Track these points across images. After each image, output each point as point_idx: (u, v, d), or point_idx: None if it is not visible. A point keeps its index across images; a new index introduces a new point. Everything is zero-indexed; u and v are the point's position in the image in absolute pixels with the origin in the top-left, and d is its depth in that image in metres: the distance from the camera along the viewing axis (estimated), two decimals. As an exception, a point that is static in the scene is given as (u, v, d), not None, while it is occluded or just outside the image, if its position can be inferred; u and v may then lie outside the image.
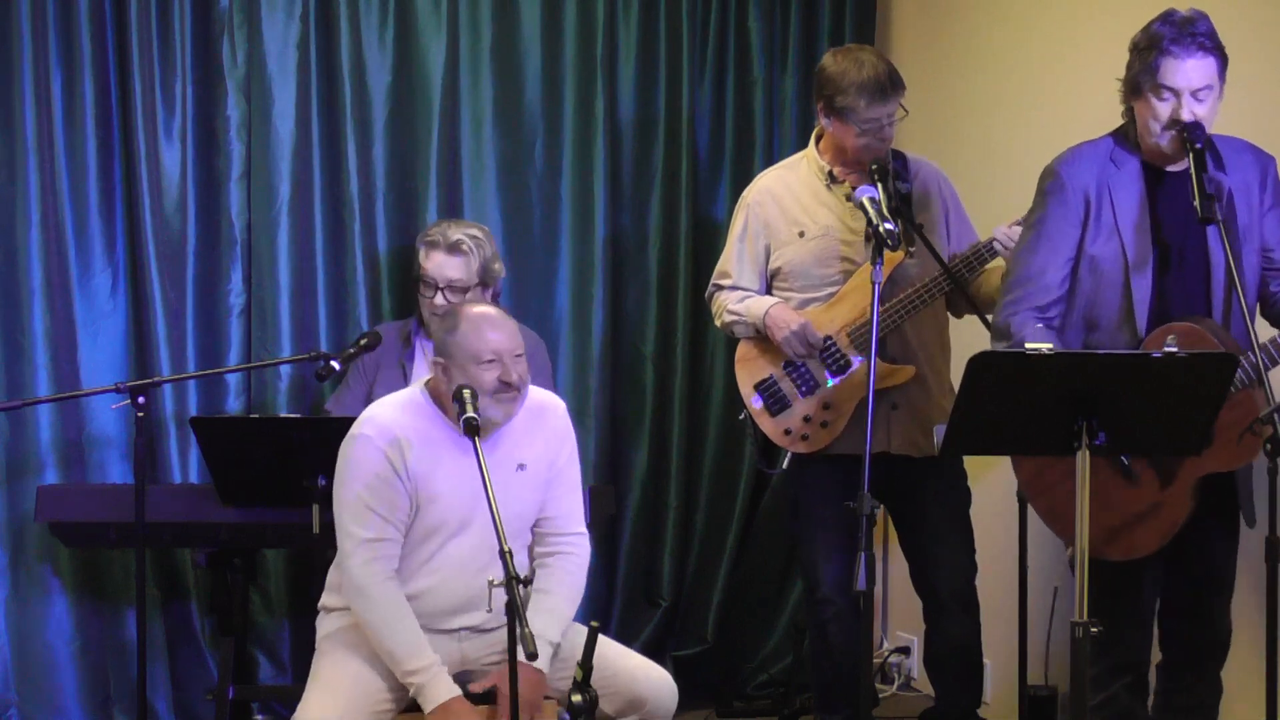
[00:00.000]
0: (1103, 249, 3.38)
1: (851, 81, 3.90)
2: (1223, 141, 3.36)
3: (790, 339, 4.01)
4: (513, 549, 2.99)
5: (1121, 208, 3.37)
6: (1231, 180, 3.33)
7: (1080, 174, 3.40)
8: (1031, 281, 3.43)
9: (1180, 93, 3.25)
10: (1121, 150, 3.40)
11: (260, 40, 4.70)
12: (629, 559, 5.08)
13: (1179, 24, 3.26)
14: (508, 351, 3.36)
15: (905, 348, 4.02)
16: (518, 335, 3.42)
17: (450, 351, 3.37)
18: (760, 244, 4.13)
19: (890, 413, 4.00)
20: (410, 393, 3.51)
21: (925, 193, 4.08)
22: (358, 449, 3.40)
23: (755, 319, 4.09)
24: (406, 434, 3.40)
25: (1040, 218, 3.44)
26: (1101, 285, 3.39)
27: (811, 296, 4.07)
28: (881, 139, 3.95)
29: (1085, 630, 2.97)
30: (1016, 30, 4.73)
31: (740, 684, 5.08)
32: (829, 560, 4.04)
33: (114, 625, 4.64)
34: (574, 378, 4.98)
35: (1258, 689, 3.23)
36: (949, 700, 4.21)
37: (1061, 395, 2.97)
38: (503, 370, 3.34)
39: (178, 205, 4.67)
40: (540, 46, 4.96)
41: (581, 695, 3.08)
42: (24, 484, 4.53)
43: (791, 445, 4.08)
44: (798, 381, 4.07)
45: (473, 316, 3.39)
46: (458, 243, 4.28)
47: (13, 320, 4.56)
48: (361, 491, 3.37)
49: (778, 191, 4.13)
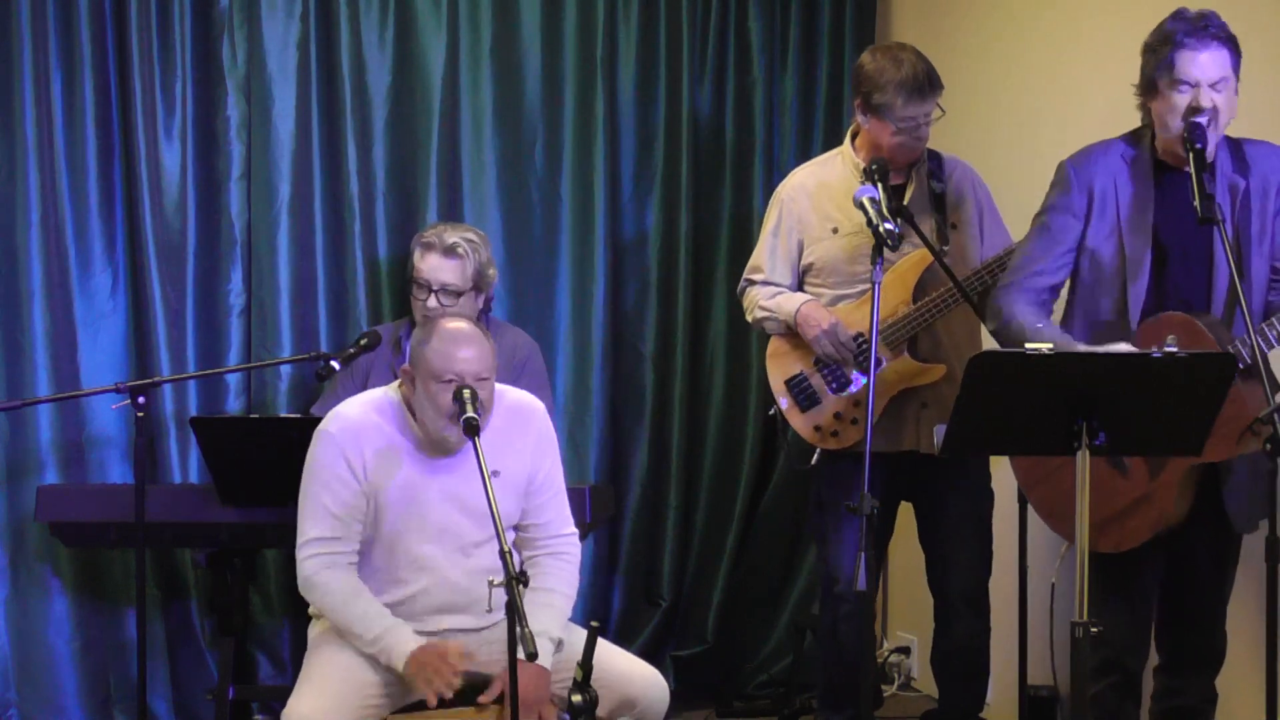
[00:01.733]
0: (1102, 245, 3.41)
1: (889, 79, 3.90)
2: (1255, 145, 3.38)
3: (820, 338, 4.01)
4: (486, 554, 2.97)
5: (1126, 206, 3.39)
6: (1253, 183, 3.34)
7: (1088, 170, 3.43)
8: (1027, 268, 3.49)
9: (1198, 84, 3.27)
10: (1133, 150, 3.43)
11: (260, 40, 4.70)
12: (629, 559, 5.08)
13: (1191, 19, 3.29)
14: (471, 375, 3.28)
15: (936, 346, 4.02)
16: (489, 359, 3.34)
17: (417, 362, 3.35)
18: (793, 239, 4.14)
19: (920, 411, 4.01)
20: (383, 393, 3.50)
21: (960, 193, 4.09)
22: (319, 447, 3.42)
23: (786, 316, 4.09)
24: (370, 435, 3.40)
25: (1045, 208, 3.50)
26: (1100, 280, 3.41)
27: (843, 293, 4.07)
28: (917, 138, 3.96)
29: (1085, 630, 2.97)
30: (1017, 31, 4.73)
31: (740, 684, 5.08)
32: (848, 557, 4.03)
33: (114, 625, 4.64)
34: (574, 378, 4.98)
35: (1257, 690, 3.23)
36: (951, 701, 4.21)
37: (1061, 395, 2.98)
38: (464, 395, 3.23)
39: (178, 205, 4.67)
40: (540, 46, 4.96)
41: (581, 695, 3.08)
42: (24, 484, 4.53)
43: (822, 442, 4.08)
44: (828, 378, 4.07)
45: (446, 333, 3.34)
46: (453, 246, 4.26)
47: (13, 320, 4.56)
48: (318, 490, 3.40)
49: (811, 187, 4.14)
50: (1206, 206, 3.16)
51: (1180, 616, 3.53)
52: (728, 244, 5.14)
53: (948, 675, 4.21)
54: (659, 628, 5.07)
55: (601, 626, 3.13)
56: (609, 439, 5.06)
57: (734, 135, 5.17)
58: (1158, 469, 3.32)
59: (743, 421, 5.13)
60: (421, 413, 3.36)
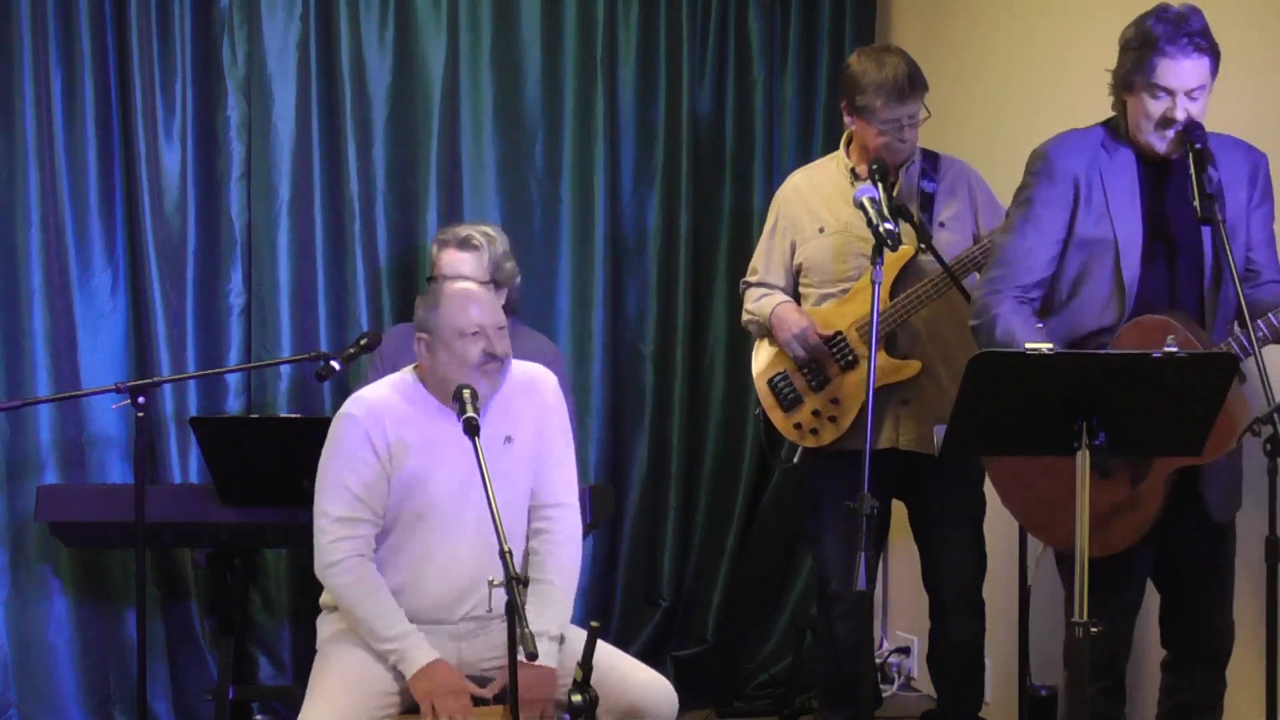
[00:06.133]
0: (1093, 231, 3.36)
1: (871, 81, 3.92)
2: (1214, 138, 3.36)
3: (790, 341, 4.04)
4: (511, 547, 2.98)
5: (1114, 193, 3.36)
6: (1222, 176, 3.33)
7: (1069, 157, 3.38)
8: (1015, 262, 3.43)
9: (1175, 93, 3.25)
10: (1113, 140, 3.40)
11: (260, 40, 4.70)
12: (629, 559, 5.08)
13: (1173, 21, 3.24)
14: (491, 324, 3.37)
15: (915, 342, 4.02)
16: (499, 309, 3.43)
17: (433, 327, 3.38)
18: (787, 241, 4.16)
19: (900, 408, 4.01)
20: (401, 375, 3.52)
21: (953, 191, 4.09)
22: (342, 427, 3.42)
23: (764, 318, 4.11)
24: (393, 414, 3.41)
25: (1026, 199, 3.43)
26: (1091, 267, 3.38)
27: (829, 292, 4.08)
28: (901, 140, 3.97)
29: (1085, 630, 2.97)
30: (1016, 30, 4.73)
31: (740, 684, 5.08)
32: (838, 557, 4.04)
33: (114, 625, 4.64)
34: (574, 378, 4.98)
35: (1258, 688, 3.23)
36: (949, 701, 4.21)
37: (1061, 395, 2.97)
38: (487, 342, 3.36)
39: (178, 205, 4.67)
40: (540, 46, 4.96)
41: (581, 695, 3.08)
42: (24, 484, 4.53)
43: (801, 440, 4.10)
44: (809, 377, 4.08)
45: (453, 292, 3.42)
46: (468, 238, 4.28)
47: (13, 320, 4.56)
48: (340, 469, 3.40)
49: (804, 189, 4.17)
50: (1207, 207, 3.15)
51: (1182, 612, 3.52)
52: (728, 244, 5.14)
53: (945, 675, 4.21)
54: (659, 628, 5.07)
55: (602, 626, 3.13)
56: (609, 439, 5.06)
57: (734, 135, 5.17)
58: (1142, 474, 3.31)
59: (743, 421, 5.13)
60: (447, 372, 3.36)
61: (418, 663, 3.33)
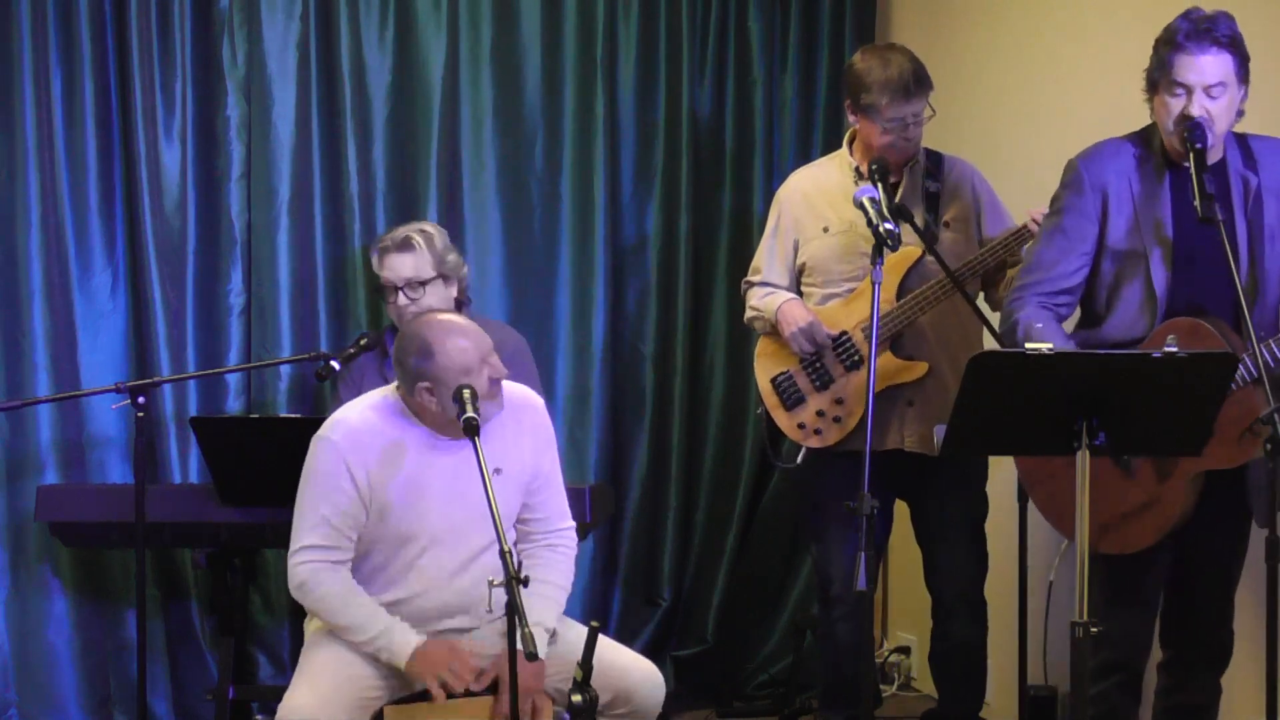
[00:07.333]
0: (1124, 242, 3.37)
1: (875, 80, 3.91)
2: (1261, 141, 3.36)
3: (797, 335, 4.03)
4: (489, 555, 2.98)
5: (1142, 202, 3.36)
6: (1264, 179, 3.33)
7: (1098, 169, 3.39)
8: (1043, 270, 3.44)
9: (1192, 89, 3.24)
10: (1143, 148, 3.40)
11: (260, 40, 4.70)
12: (629, 559, 5.08)
13: (1197, 20, 3.25)
14: (487, 350, 3.36)
15: (921, 343, 4.02)
16: (483, 332, 3.40)
17: (434, 375, 3.31)
18: (789, 240, 4.15)
19: (905, 409, 4.00)
20: (381, 395, 3.49)
21: (956, 191, 4.09)
22: (320, 454, 3.39)
23: (770, 314, 4.10)
24: (373, 438, 3.39)
25: (1057, 209, 3.46)
26: (1124, 278, 3.39)
27: (833, 292, 4.08)
28: (906, 138, 3.96)
29: (1085, 630, 2.97)
30: (1017, 30, 4.73)
31: (740, 684, 5.08)
32: (840, 558, 4.04)
33: (114, 625, 4.64)
34: (574, 378, 4.98)
35: (1258, 688, 3.23)
36: (950, 701, 4.21)
37: (1061, 395, 2.97)
38: (490, 369, 3.35)
39: (178, 205, 4.67)
40: (540, 46, 4.96)
41: (582, 695, 3.08)
42: (24, 484, 4.53)
43: (805, 440, 4.09)
44: (813, 376, 4.07)
45: (441, 335, 3.33)
46: (406, 239, 4.24)
47: (13, 320, 4.56)
48: (316, 498, 3.38)
49: (807, 188, 4.16)
50: (1207, 206, 3.14)
51: (1187, 614, 3.52)
52: (728, 244, 5.14)
53: (946, 675, 4.21)
54: (659, 628, 5.07)
55: (601, 626, 3.13)
56: (609, 439, 5.05)
57: (734, 135, 5.17)
58: (1165, 473, 3.31)
59: (743, 421, 5.13)
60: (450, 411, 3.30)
61: (407, 648, 3.34)
